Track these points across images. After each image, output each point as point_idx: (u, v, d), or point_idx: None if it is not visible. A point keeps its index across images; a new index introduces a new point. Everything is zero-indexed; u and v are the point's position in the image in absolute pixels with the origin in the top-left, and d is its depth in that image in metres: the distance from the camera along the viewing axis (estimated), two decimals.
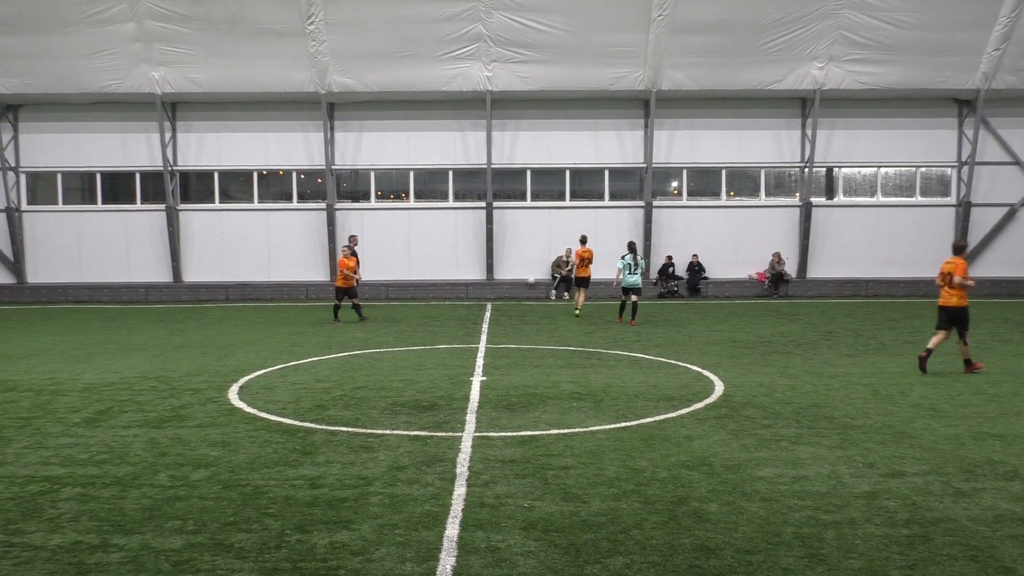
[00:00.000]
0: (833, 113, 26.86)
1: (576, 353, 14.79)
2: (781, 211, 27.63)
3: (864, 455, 8.05)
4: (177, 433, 9.11)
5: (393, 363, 13.75)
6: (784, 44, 24.71)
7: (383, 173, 27.72)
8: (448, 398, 10.84)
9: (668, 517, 6.35)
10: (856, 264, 27.58)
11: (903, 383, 11.78)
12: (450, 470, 7.60)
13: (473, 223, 27.40)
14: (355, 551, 5.75)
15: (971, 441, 8.58)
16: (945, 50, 24.88)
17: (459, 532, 6.07)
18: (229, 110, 26.92)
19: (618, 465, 7.72)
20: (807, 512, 6.46)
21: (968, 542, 5.87)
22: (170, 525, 6.28)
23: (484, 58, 24.99)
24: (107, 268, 27.44)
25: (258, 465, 7.83)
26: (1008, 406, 10.27)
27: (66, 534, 6.12)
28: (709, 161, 27.37)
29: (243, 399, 10.94)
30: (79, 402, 10.83)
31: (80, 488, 7.19)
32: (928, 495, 6.86)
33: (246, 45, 24.59)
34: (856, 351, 14.94)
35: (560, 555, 5.66)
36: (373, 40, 24.52)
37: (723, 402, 10.53)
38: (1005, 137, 27.01)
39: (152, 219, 27.33)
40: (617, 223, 27.13)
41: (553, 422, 9.46)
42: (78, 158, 27.21)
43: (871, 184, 27.81)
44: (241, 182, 27.78)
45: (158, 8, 23.82)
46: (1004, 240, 27.47)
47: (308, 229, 27.42)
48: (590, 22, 24.15)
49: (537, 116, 27.02)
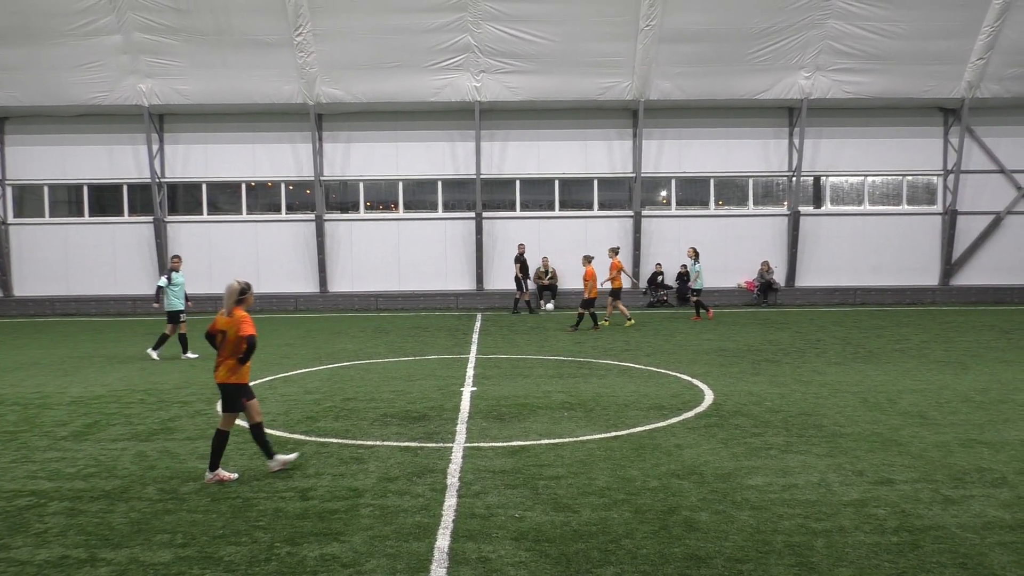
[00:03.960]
0: (820, 122, 27.03)
1: (566, 363, 14.79)
2: (769, 220, 27.75)
3: (853, 463, 8.08)
4: (166, 446, 9.06)
5: (383, 374, 13.72)
6: (771, 54, 24.88)
7: (372, 184, 27.71)
8: (439, 409, 10.82)
9: (659, 526, 6.35)
10: (844, 272, 27.71)
11: (892, 391, 11.83)
12: (441, 481, 7.58)
13: (462, 233, 27.41)
14: (345, 563, 5.72)
15: (959, 448, 8.61)
16: (930, 59, 25.11)
17: (450, 543, 6.05)
18: (217, 121, 26.88)
19: (608, 475, 7.72)
20: (797, 520, 6.47)
21: (957, 549, 5.88)
22: (159, 539, 6.24)
23: (472, 68, 25.05)
24: (94, 281, 27.31)
25: (247, 477, 7.78)
26: (995, 413, 10.32)
27: (53, 549, 6.07)
28: (697, 170, 27.48)
29: None
30: (66, 415, 10.76)
31: (67, 502, 7.14)
32: (917, 503, 6.88)
33: (233, 56, 24.59)
34: (845, 359, 15.00)
35: (551, 565, 5.64)
36: (361, 51, 24.56)
37: (713, 411, 10.55)
38: (990, 145, 27.24)
39: (139, 231, 27.23)
40: (606, 233, 27.19)
41: (544, 432, 9.45)
42: (65, 170, 27.10)
43: (858, 193, 27.98)
44: (229, 194, 27.72)
45: (145, 20, 23.79)
46: (990, 248, 27.67)
47: (297, 241, 27.37)
48: (578, 32, 24.26)
49: (526, 126, 27.08)
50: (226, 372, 7.70)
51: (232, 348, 7.69)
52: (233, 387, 7.72)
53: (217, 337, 7.79)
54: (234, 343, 7.66)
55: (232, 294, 7.75)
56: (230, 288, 7.77)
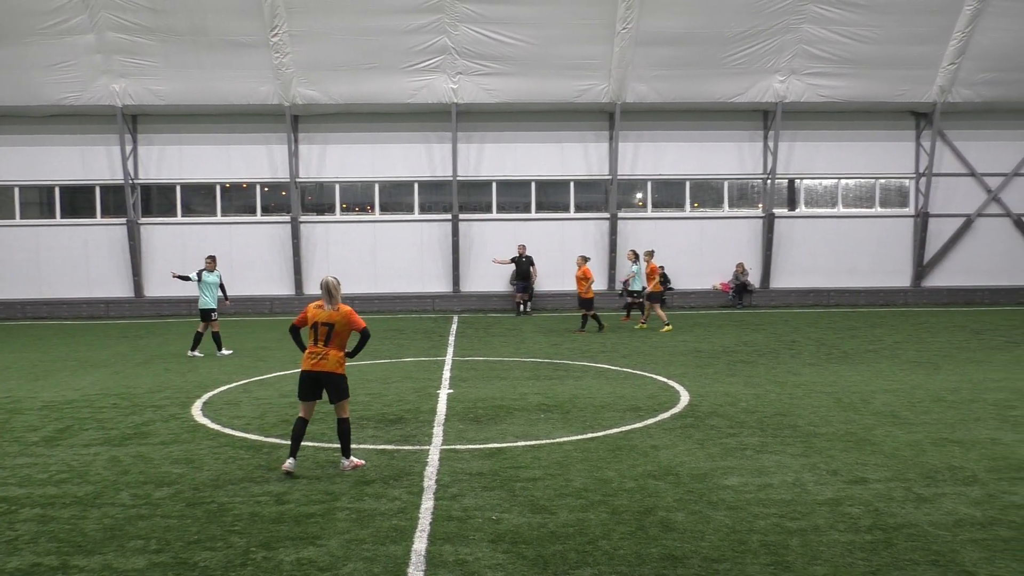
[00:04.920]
0: (795, 125, 27.26)
1: (543, 365, 14.81)
2: (744, 222, 27.95)
3: (828, 462, 8.16)
4: (139, 451, 8.97)
5: (359, 377, 13.66)
6: (746, 57, 25.06)
7: (348, 186, 27.60)
8: (415, 411, 10.80)
9: (635, 527, 6.38)
10: (818, 274, 27.96)
11: (865, 391, 11.96)
12: (417, 484, 7.56)
13: (439, 235, 27.36)
14: (322, 567, 5.70)
15: (931, 447, 8.72)
16: (902, 64, 25.41)
17: (427, 546, 6.04)
18: (191, 122, 26.64)
19: (585, 476, 7.74)
20: (772, 520, 6.52)
21: (929, 547, 5.96)
22: (132, 545, 6.17)
23: (449, 70, 25.02)
24: (66, 283, 26.95)
25: (223, 482, 7.73)
26: (966, 412, 10.47)
27: (24, 556, 5.99)
28: (673, 173, 27.61)
29: (207, 415, 10.80)
30: (37, 420, 10.62)
31: (39, 508, 7.05)
32: (890, 501, 6.96)
33: (208, 57, 24.39)
34: (819, 360, 15.14)
35: (528, 567, 5.65)
36: (337, 52, 24.45)
37: (689, 412, 10.61)
38: (961, 149, 27.60)
39: (113, 233, 26.92)
40: (583, 235, 27.26)
41: (520, 434, 9.46)
42: (36, 171, 26.72)
43: (832, 195, 28.25)
44: (204, 195, 27.49)
45: (119, 19, 23.52)
46: (961, 250, 28.03)
47: (272, 243, 27.20)
48: (555, 35, 24.30)
49: (503, 128, 27.08)
50: (337, 363, 8.04)
51: (341, 340, 8.09)
52: (344, 377, 8.12)
53: (320, 329, 8.02)
54: (343, 336, 8.09)
55: (338, 288, 8.10)
56: (333, 283, 8.08)
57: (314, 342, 8.05)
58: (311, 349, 8.06)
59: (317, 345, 8.03)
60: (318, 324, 8.04)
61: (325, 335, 8.03)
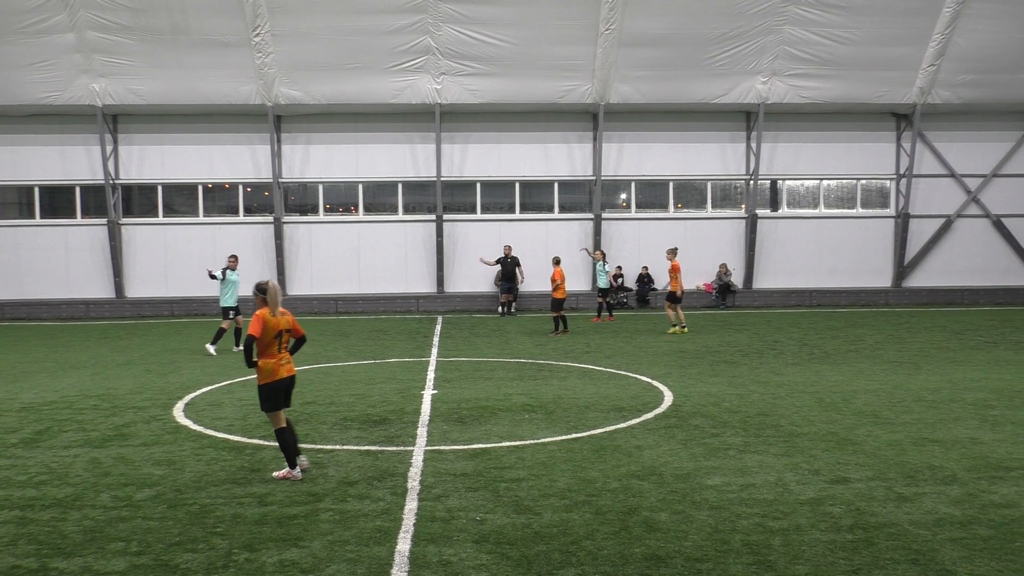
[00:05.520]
0: (777, 127, 27.42)
1: (527, 365, 14.82)
2: (727, 223, 28.08)
3: (809, 462, 8.20)
4: (120, 452, 8.90)
5: (343, 377, 13.63)
6: (729, 59, 25.18)
7: (331, 186, 27.51)
8: (399, 412, 10.77)
9: (619, 527, 6.39)
10: (800, 274, 28.14)
11: (847, 391, 12.03)
12: (401, 484, 7.55)
13: (423, 236, 27.33)
14: (305, 569, 5.67)
15: (912, 447, 8.79)
16: (883, 66, 25.61)
17: (411, 547, 6.03)
18: (173, 122, 26.48)
19: (569, 476, 7.75)
20: (755, 519, 6.55)
21: (910, 546, 6.00)
22: (113, 547, 6.13)
23: (433, 71, 24.99)
24: (46, 284, 26.71)
25: (205, 483, 7.68)
26: (946, 412, 10.55)
27: (3, 559, 5.93)
28: (657, 174, 27.70)
29: (189, 416, 10.73)
30: (16, 422, 10.51)
31: (18, 511, 6.98)
32: (871, 500, 7.01)
33: (190, 56, 24.23)
34: (801, 360, 15.22)
35: (512, 568, 5.65)
36: (320, 52, 24.36)
37: (672, 412, 10.64)
38: (941, 150, 27.85)
39: (93, 234, 26.71)
40: (567, 235, 27.30)
41: (504, 434, 9.46)
42: (15, 172, 26.48)
43: (814, 196, 28.43)
44: (186, 196, 27.32)
45: (99, 19, 23.34)
46: (941, 250, 28.30)
47: (255, 243, 27.06)
48: (538, 35, 24.32)
49: (487, 129, 27.08)
50: (291, 366, 8.12)
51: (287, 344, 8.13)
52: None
53: (284, 336, 8.03)
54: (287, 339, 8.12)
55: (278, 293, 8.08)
56: (277, 287, 8.06)
57: (277, 349, 7.99)
58: (279, 356, 7.98)
59: (280, 351, 8.02)
60: (282, 331, 8.00)
61: (286, 340, 8.07)
